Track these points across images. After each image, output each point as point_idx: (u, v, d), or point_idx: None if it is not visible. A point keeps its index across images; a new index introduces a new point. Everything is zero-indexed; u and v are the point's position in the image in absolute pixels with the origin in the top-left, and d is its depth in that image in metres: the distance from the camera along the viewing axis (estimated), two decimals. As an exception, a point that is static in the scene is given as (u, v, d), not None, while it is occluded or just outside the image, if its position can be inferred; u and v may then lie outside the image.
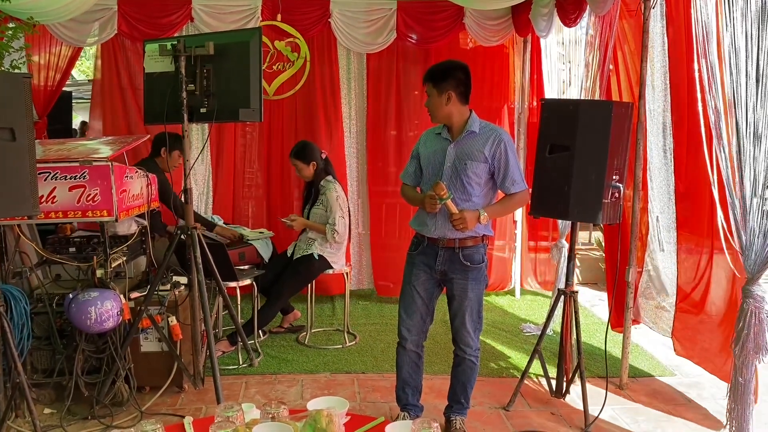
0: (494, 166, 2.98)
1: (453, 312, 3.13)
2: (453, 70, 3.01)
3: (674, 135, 3.71)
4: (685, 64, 3.38)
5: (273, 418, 1.82)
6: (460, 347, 3.16)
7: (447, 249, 3.03)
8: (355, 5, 5.49)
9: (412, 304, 3.16)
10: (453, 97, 2.98)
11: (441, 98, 2.98)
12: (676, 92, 3.58)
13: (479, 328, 3.14)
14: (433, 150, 3.09)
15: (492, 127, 3.06)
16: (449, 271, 3.05)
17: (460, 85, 2.99)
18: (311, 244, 4.47)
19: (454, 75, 2.99)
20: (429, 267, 3.09)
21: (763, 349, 2.72)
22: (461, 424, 3.22)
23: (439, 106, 3.00)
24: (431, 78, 3.01)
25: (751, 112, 2.68)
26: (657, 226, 4.00)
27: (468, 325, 3.09)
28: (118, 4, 5.20)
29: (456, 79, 2.99)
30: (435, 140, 3.11)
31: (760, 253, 2.68)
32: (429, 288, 3.14)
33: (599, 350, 4.31)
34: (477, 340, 3.14)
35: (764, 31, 2.59)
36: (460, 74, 3.00)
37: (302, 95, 5.70)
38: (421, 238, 3.11)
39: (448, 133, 3.06)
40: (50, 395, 3.48)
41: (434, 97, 3.00)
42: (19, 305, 3.12)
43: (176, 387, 3.67)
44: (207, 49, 3.07)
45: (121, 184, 3.27)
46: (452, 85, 2.97)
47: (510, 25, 5.51)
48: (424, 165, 3.13)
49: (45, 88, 5.23)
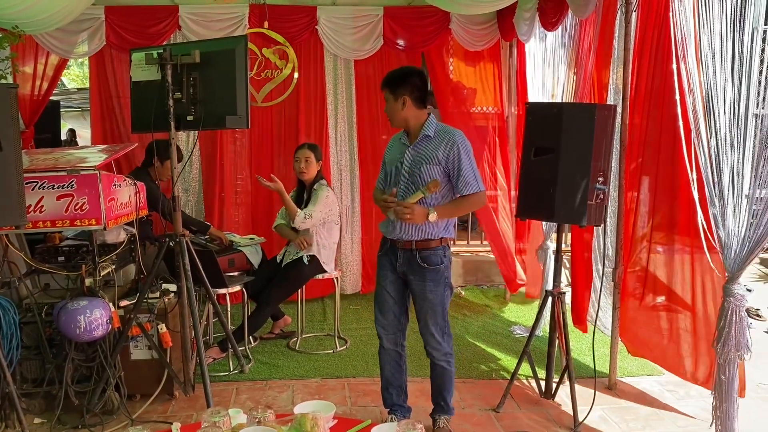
0: (448, 168, 3.03)
1: (417, 314, 3.21)
2: (408, 75, 3.08)
3: (654, 136, 3.76)
4: (664, 66, 3.43)
5: (259, 422, 1.84)
6: (428, 351, 3.22)
7: (405, 250, 3.11)
8: (341, 12, 5.53)
9: (384, 304, 3.24)
10: (408, 102, 3.04)
11: (397, 103, 3.06)
12: (655, 94, 3.63)
13: (447, 332, 3.17)
14: (394, 155, 3.19)
15: (447, 130, 3.10)
16: (408, 272, 3.13)
17: (416, 90, 3.05)
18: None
19: (410, 80, 3.05)
20: (393, 267, 3.18)
21: (744, 347, 2.76)
22: (445, 422, 3.25)
23: (395, 111, 3.08)
24: (387, 84, 3.09)
25: (728, 111, 2.73)
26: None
27: (432, 328, 3.14)
28: (106, 13, 5.23)
29: (411, 84, 3.05)
30: (396, 145, 3.21)
31: (739, 252, 2.72)
32: (398, 288, 3.21)
33: (588, 350, 4.34)
34: (446, 345, 3.17)
35: (738, 32, 2.64)
36: (415, 79, 3.06)
37: (291, 102, 5.74)
38: (386, 240, 3.21)
39: (406, 138, 3.15)
40: (40, 405, 3.47)
41: (390, 102, 3.08)
42: (7, 315, 3.12)
43: (167, 394, 3.67)
44: (193, 57, 3.10)
45: (109, 193, 3.28)
46: (407, 90, 3.04)
47: (495, 30, 5.57)
48: (388, 170, 3.24)
49: (32, 98, 5.24)
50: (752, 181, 2.71)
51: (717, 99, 2.79)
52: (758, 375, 3.97)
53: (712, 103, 2.81)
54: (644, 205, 3.81)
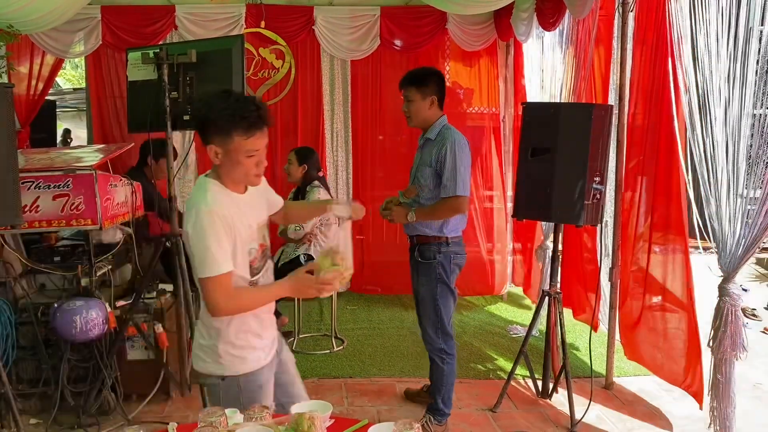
0: (438, 170, 3.05)
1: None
2: (435, 75, 3.13)
3: (650, 135, 3.76)
4: (660, 65, 3.44)
5: (256, 422, 1.83)
6: (424, 343, 3.28)
7: (411, 246, 3.22)
8: (338, 12, 5.52)
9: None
10: (435, 102, 3.07)
11: (425, 102, 3.06)
12: (651, 93, 3.63)
13: (440, 328, 3.19)
14: (415, 156, 3.28)
15: (445, 134, 3.09)
16: (411, 266, 3.24)
17: (440, 90, 3.10)
18: (298, 248, 4.48)
19: (435, 80, 3.10)
20: None
21: (740, 347, 2.76)
22: (427, 422, 3.26)
23: (421, 110, 3.08)
24: (414, 82, 3.08)
25: (723, 111, 2.74)
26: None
27: (425, 322, 3.21)
28: (102, 13, 5.21)
29: (438, 84, 3.10)
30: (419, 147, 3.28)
31: (735, 251, 2.73)
32: None
33: (585, 350, 4.34)
34: (440, 341, 3.19)
35: (734, 32, 2.64)
36: (439, 80, 3.12)
37: (288, 102, 5.74)
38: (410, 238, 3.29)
39: (422, 139, 3.20)
40: (36, 405, 3.45)
41: (417, 101, 3.06)
42: (3, 315, 3.12)
43: (163, 395, 3.66)
44: (189, 57, 3.09)
45: (105, 193, 3.27)
46: (435, 89, 3.07)
47: (492, 30, 5.56)
48: None
49: (28, 98, 5.22)
50: (747, 180, 2.72)
51: (713, 99, 2.80)
52: (755, 375, 3.98)
53: (707, 103, 2.82)
54: (641, 204, 3.81)
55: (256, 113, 1.92)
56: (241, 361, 2.04)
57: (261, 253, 2.10)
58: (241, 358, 2.04)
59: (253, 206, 2.10)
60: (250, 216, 2.06)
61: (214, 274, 1.89)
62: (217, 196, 1.97)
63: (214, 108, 1.93)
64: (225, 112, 1.90)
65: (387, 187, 5.58)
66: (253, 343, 2.06)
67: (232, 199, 2.00)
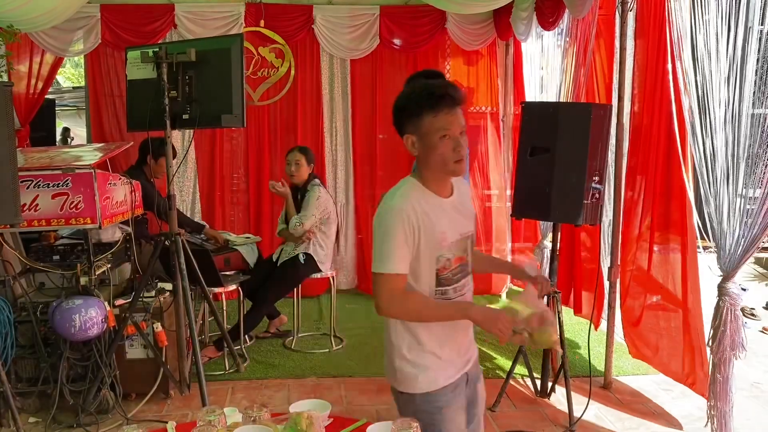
0: None
1: None
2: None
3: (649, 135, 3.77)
4: (660, 65, 3.44)
5: (254, 421, 1.83)
6: None
7: None
8: (338, 11, 5.53)
9: None
10: None
11: None
12: (651, 93, 3.64)
13: None
14: None
15: None
16: None
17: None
18: (298, 246, 4.48)
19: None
20: None
21: (739, 346, 2.77)
22: None
23: None
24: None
25: (723, 111, 2.74)
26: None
27: None
28: (101, 12, 5.21)
29: None
30: None
31: (734, 251, 2.73)
32: None
33: (584, 350, 4.35)
34: None
35: (733, 32, 2.64)
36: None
37: (287, 101, 5.74)
38: None
39: None
40: (35, 404, 3.45)
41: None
42: (2, 314, 3.11)
43: (162, 393, 3.66)
44: (188, 56, 3.09)
45: (104, 191, 3.27)
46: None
47: (492, 29, 5.57)
48: None
49: (27, 96, 5.22)
50: (746, 180, 2.72)
51: (713, 99, 2.80)
52: (753, 374, 3.98)
53: (707, 103, 2.82)
54: (640, 204, 3.82)
55: (443, 89, 1.80)
56: (414, 379, 1.94)
57: (457, 266, 1.93)
58: (413, 376, 1.94)
59: (457, 212, 1.94)
60: (449, 223, 1.88)
61: (382, 271, 1.81)
62: (410, 193, 1.87)
63: (403, 94, 1.86)
64: (412, 94, 1.82)
65: (387, 186, 5.55)
66: (427, 362, 1.93)
67: (427, 199, 1.87)
